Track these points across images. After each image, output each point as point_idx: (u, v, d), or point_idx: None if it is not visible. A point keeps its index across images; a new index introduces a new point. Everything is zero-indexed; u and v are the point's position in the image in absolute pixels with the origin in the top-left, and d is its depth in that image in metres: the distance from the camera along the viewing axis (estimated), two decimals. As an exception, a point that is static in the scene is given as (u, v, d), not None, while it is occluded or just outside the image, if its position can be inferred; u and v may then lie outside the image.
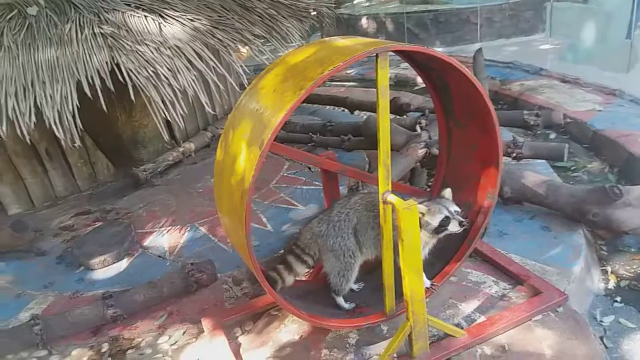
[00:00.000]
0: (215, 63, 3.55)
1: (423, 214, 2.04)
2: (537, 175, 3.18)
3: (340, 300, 2.30)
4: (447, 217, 2.05)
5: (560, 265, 2.62)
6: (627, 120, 4.36)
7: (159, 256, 3.27)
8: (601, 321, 2.58)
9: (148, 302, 2.68)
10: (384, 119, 1.88)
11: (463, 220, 2.08)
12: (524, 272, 2.52)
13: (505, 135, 3.73)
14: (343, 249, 2.17)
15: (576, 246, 2.79)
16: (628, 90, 5.00)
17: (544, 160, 3.67)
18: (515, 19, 8.92)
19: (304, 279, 2.53)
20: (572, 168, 3.99)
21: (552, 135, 4.62)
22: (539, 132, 4.28)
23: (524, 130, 4.16)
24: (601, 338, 2.46)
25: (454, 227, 2.08)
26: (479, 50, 4.34)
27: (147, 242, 3.44)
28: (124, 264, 3.24)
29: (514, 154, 3.33)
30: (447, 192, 2.18)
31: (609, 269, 2.94)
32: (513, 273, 2.52)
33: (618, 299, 2.73)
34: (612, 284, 2.84)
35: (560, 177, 3.63)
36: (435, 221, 2.06)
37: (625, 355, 2.37)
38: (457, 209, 2.10)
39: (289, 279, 2.25)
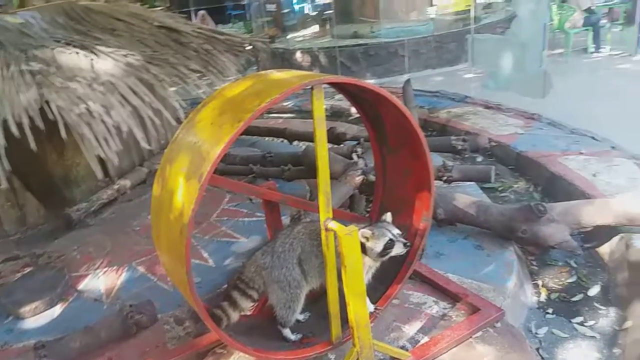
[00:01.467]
0: (150, 98, 3.52)
1: (367, 239, 2.09)
2: (467, 196, 3.35)
3: (287, 332, 2.29)
4: (391, 240, 2.11)
5: (495, 282, 2.75)
6: (547, 142, 4.69)
7: (95, 300, 3.12)
8: (536, 333, 2.72)
9: (84, 348, 2.54)
10: (322, 148, 1.93)
11: (406, 241, 2.15)
12: (462, 290, 2.62)
13: (435, 160, 3.89)
14: (288, 279, 2.17)
15: (508, 263, 2.94)
16: (545, 114, 5.38)
17: (473, 182, 3.86)
18: (440, 51, 9.44)
19: (248, 313, 2.51)
20: (500, 188, 4.22)
21: (479, 159, 4.87)
22: (466, 156, 4.50)
23: (452, 155, 4.37)
24: (537, 349, 2.60)
25: (398, 249, 2.14)
26: (408, 81, 4.55)
27: (82, 285, 3.28)
28: (57, 310, 3.07)
29: (445, 177, 3.48)
30: (388, 216, 2.25)
31: (540, 282, 3.11)
32: (451, 292, 2.62)
33: (550, 310, 2.90)
34: (543, 297, 3.01)
35: (489, 197, 3.82)
36: (379, 245, 2.11)
37: (560, 364, 2.50)
38: (399, 231, 2.17)
39: (234, 316, 2.22)
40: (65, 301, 3.14)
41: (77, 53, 3.64)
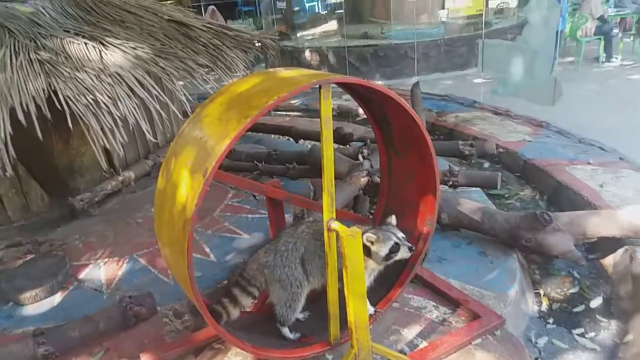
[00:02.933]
0: (157, 91, 3.52)
1: (372, 243, 2.07)
2: (473, 202, 3.33)
3: (286, 330, 2.28)
4: (396, 244, 2.10)
5: (497, 289, 2.72)
6: (554, 151, 4.66)
7: (96, 289, 3.12)
8: (536, 342, 2.70)
9: (83, 338, 2.54)
10: (328, 148, 1.92)
11: (411, 245, 2.14)
12: (463, 296, 2.61)
13: (441, 164, 3.90)
14: (290, 279, 2.16)
15: (511, 270, 2.91)
16: (554, 122, 5.35)
17: (479, 188, 3.83)
18: (450, 55, 9.41)
19: (248, 309, 2.50)
20: (506, 196, 4.19)
21: (486, 165, 4.85)
22: (473, 161, 4.48)
23: (459, 160, 4.35)
24: (536, 359, 2.57)
25: (403, 253, 2.13)
26: (416, 83, 4.54)
27: (83, 275, 3.28)
28: (57, 298, 3.07)
29: (451, 182, 3.46)
30: (392, 219, 2.23)
31: (541, 291, 3.09)
32: (453, 298, 2.60)
33: (551, 320, 2.87)
34: (544, 307, 2.98)
35: (494, 204, 3.80)
36: (384, 249, 2.09)
37: (559, 375, 2.48)
38: (403, 235, 2.16)
39: (234, 312, 2.22)
40: (66, 289, 3.15)
41: (86, 44, 3.64)
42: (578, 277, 3.19)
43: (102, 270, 3.32)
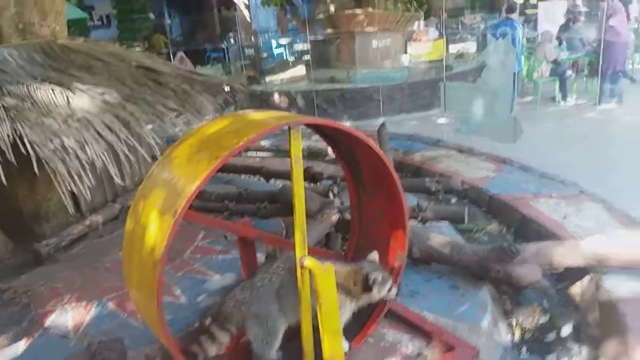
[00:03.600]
0: (125, 134, 3.51)
1: (375, 283, 2.12)
2: (442, 236, 3.39)
3: None
4: (391, 286, 2.14)
5: (470, 321, 2.75)
6: (518, 185, 4.80)
7: (63, 336, 3.00)
8: (510, 372, 2.72)
9: (48, 388, 2.44)
10: (299, 187, 1.95)
11: (397, 289, 2.20)
12: (437, 329, 2.61)
13: (410, 200, 3.96)
14: (267, 314, 2.15)
15: (482, 302, 2.95)
16: (516, 159, 5.54)
17: (447, 223, 3.91)
18: (414, 96, 9.72)
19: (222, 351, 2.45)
20: (474, 229, 4.28)
21: (453, 200, 4.95)
22: (441, 197, 4.58)
23: (427, 196, 4.44)
24: (511, 389, 2.59)
25: (392, 294, 2.17)
26: (383, 124, 4.65)
27: (49, 321, 3.16)
28: (21, 345, 2.94)
29: (420, 217, 3.52)
30: (374, 255, 2.26)
31: (514, 322, 3.12)
32: (426, 331, 2.60)
33: (524, 349, 2.91)
34: (517, 336, 3.02)
35: (463, 238, 3.87)
36: (384, 290, 2.14)
37: (534, 404, 2.50)
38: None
39: (212, 349, 2.17)
40: (31, 337, 3.01)
41: (53, 90, 3.63)
42: (548, 307, 3.24)
43: (69, 316, 3.20)
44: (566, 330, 3.01)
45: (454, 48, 13.14)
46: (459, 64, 11.59)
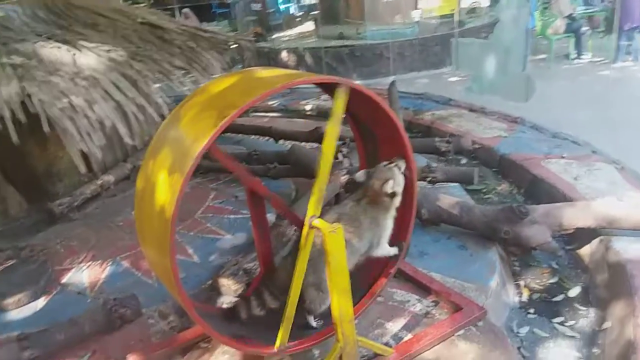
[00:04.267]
0: (133, 93, 3.48)
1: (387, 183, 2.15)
2: (451, 197, 3.38)
3: (311, 318, 2.29)
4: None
5: (478, 282, 2.77)
6: (529, 145, 4.74)
7: (79, 293, 3.09)
8: (518, 332, 2.75)
9: (68, 341, 2.52)
10: (329, 148, 1.97)
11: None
12: (445, 289, 2.64)
13: (420, 160, 3.94)
14: (322, 279, 2.12)
15: (491, 263, 2.97)
16: (528, 118, 5.45)
17: (457, 184, 3.89)
18: (425, 54, 9.53)
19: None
20: (484, 190, 4.26)
21: (463, 161, 4.91)
22: (450, 157, 4.54)
23: (436, 156, 4.41)
24: (519, 348, 2.62)
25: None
26: (393, 82, 4.58)
27: (66, 279, 3.24)
28: (40, 303, 3.03)
29: (429, 178, 3.51)
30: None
31: (521, 283, 3.14)
32: (434, 291, 2.63)
33: (531, 310, 2.92)
34: (525, 297, 3.04)
35: (473, 199, 3.85)
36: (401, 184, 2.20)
37: (541, 363, 2.53)
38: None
39: (257, 312, 2.21)
40: (49, 294, 3.11)
41: (59, 47, 3.60)
42: (557, 268, 3.26)
43: (84, 274, 3.28)
44: (574, 292, 3.03)
45: (466, 2, 12.76)
46: (471, 19, 11.28)
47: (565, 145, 4.67)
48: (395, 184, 2.18)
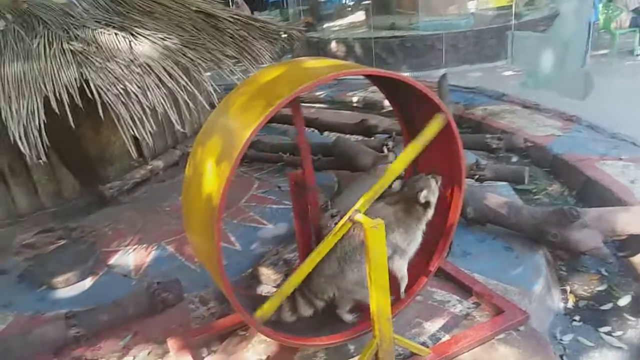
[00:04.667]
0: (185, 81, 3.57)
1: (425, 193, 2.16)
2: (499, 197, 3.29)
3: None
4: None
5: (522, 285, 2.70)
6: (584, 145, 4.55)
7: (124, 275, 3.21)
8: (561, 340, 2.66)
9: (112, 321, 2.62)
10: (402, 162, 2.05)
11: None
12: (487, 291, 2.59)
13: (468, 157, 3.85)
14: (364, 277, 2.08)
15: (537, 266, 2.88)
16: (585, 117, 5.22)
17: (506, 183, 3.78)
18: (479, 46, 9.26)
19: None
20: (534, 191, 4.12)
21: (514, 159, 4.76)
22: (501, 155, 4.42)
23: (486, 153, 4.29)
24: (561, 356, 2.54)
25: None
26: (444, 75, 4.49)
27: (112, 260, 3.38)
28: (87, 283, 3.17)
29: (477, 176, 3.43)
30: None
31: (568, 288, 3.03)
32: (476, 292, 2.58)
33: (577, 318, 2.82)
34: (571, 304, 2.93)
35: (521, 199, 3.74)
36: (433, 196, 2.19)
37: (584, 373, 2.45)
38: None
39: (288, 318, 2.23)
40: (96, 275, 3.24)
41: (117, 34, 3.72)
42: (606, 275, 3.12)
43: (130, 257, 3.40)
44: (624, 301, 2.90)
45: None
46: (529, 11, 10.86)
47: (624, 146, 4.45)
48: (430, 194, 2.16)
